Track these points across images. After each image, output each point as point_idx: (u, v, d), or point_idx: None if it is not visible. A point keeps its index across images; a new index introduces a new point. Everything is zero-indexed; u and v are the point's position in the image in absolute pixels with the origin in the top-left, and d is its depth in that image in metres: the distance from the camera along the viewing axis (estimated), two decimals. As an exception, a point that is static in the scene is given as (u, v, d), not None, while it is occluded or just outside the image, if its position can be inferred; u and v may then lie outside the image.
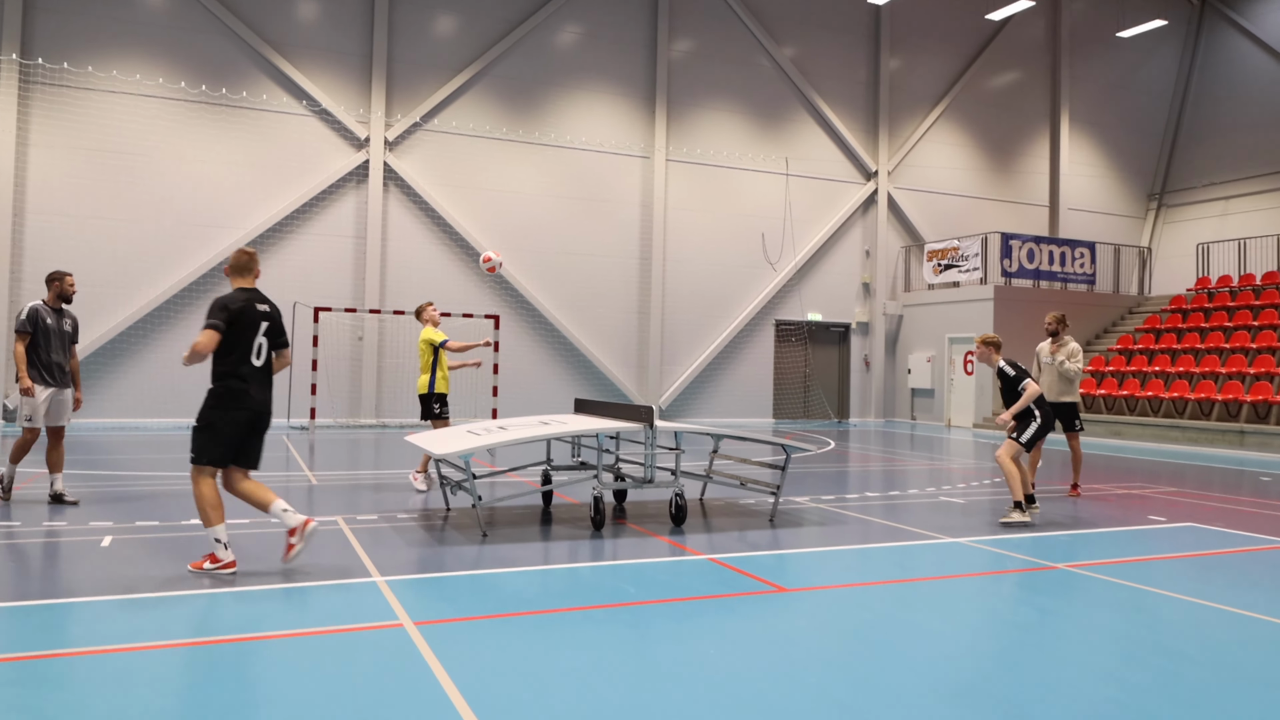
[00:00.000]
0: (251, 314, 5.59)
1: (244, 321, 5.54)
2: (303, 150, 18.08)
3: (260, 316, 5.64)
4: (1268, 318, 18.92)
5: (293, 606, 4.82)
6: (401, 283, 18.75)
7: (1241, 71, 25.08)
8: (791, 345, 22.67)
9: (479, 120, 19.43)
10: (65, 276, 7.84)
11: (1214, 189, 25.39)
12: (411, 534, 6.83)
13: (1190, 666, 4.09)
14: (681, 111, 21.26)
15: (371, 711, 3.37)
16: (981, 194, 24.70)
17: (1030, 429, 7.84)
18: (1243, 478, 11.92)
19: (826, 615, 4.89)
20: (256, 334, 5.60)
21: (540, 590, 5.29)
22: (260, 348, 5.63)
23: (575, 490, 9.18)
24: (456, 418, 18.32)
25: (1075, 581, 5.75)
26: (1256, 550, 6.90)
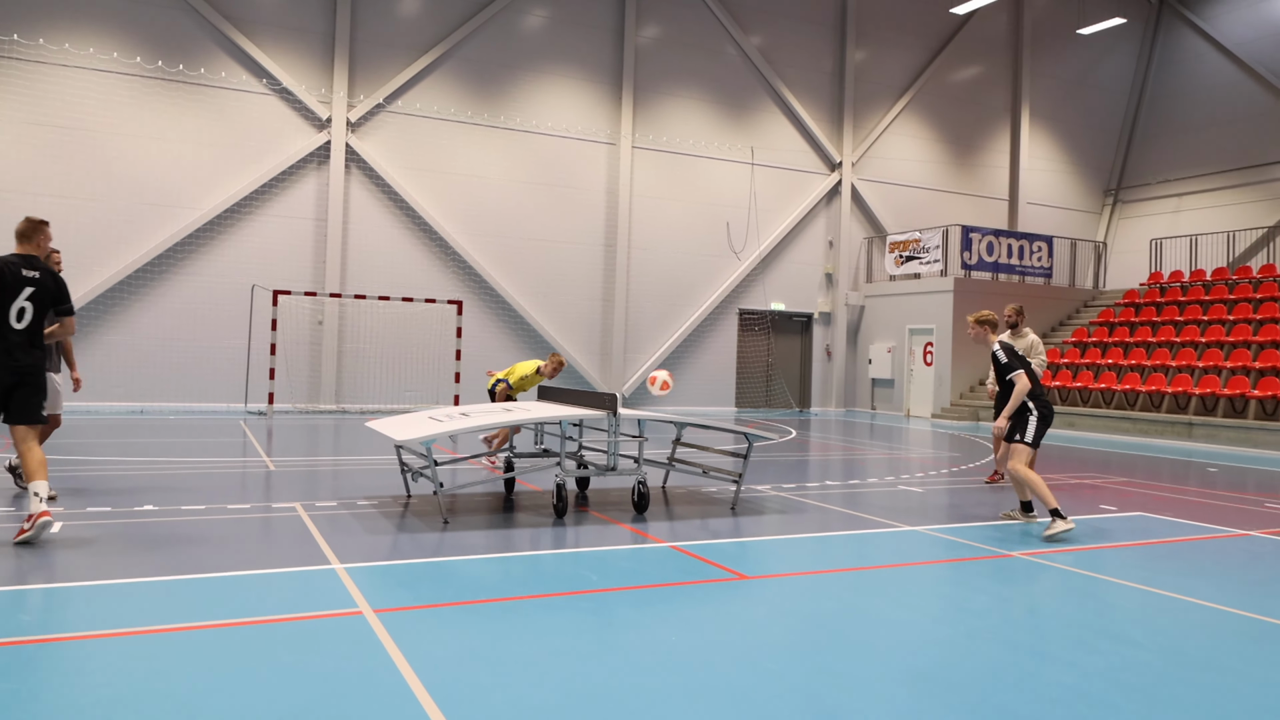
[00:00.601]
0: (13, 277, 5.76)
1: (3, 283, 5.72)
2: (263, 130, 17.75)
3: (25, 281, 5.80)
4: (1217, 313, 19.39)
5: (249, 594, 4.76)
6: (363, 267, 18.52)
7: (1197, 71, 25.59)
8: (755, 334, 22.80)
9: (444, 103, 19.22)
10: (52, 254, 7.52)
11: (1168, 186, 25.92)
12: (371, 521, 6.78)
13: (1139, 652, 4.19)
14: (648, 98, 21.20)
15: (330, 700, 3.35)
16: (943, 187, 24.98)
17: (1031, 425, 7.11)
18: (1190, 468, 12.23)
19: (787, 602, 4.94)
20: (17, 298, 5.75)
21: (502, 577, 5.28)
22: (22, 311, 5.79)
23: (538, 477, 9.17)
24: (418, 404, 18.21)
25: (1030, 569, 5.86)
26: (1203, 539, 7.09)
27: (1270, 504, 9.06)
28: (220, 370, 17.35)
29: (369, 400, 18.38)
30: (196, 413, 16.27)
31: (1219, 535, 7.26)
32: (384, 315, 18.54)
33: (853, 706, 3.42)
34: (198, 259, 17.27)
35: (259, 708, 3.25)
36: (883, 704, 3.46)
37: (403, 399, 18.50)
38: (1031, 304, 22.66)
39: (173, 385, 17.04)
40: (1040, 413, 7.12)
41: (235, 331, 17.45)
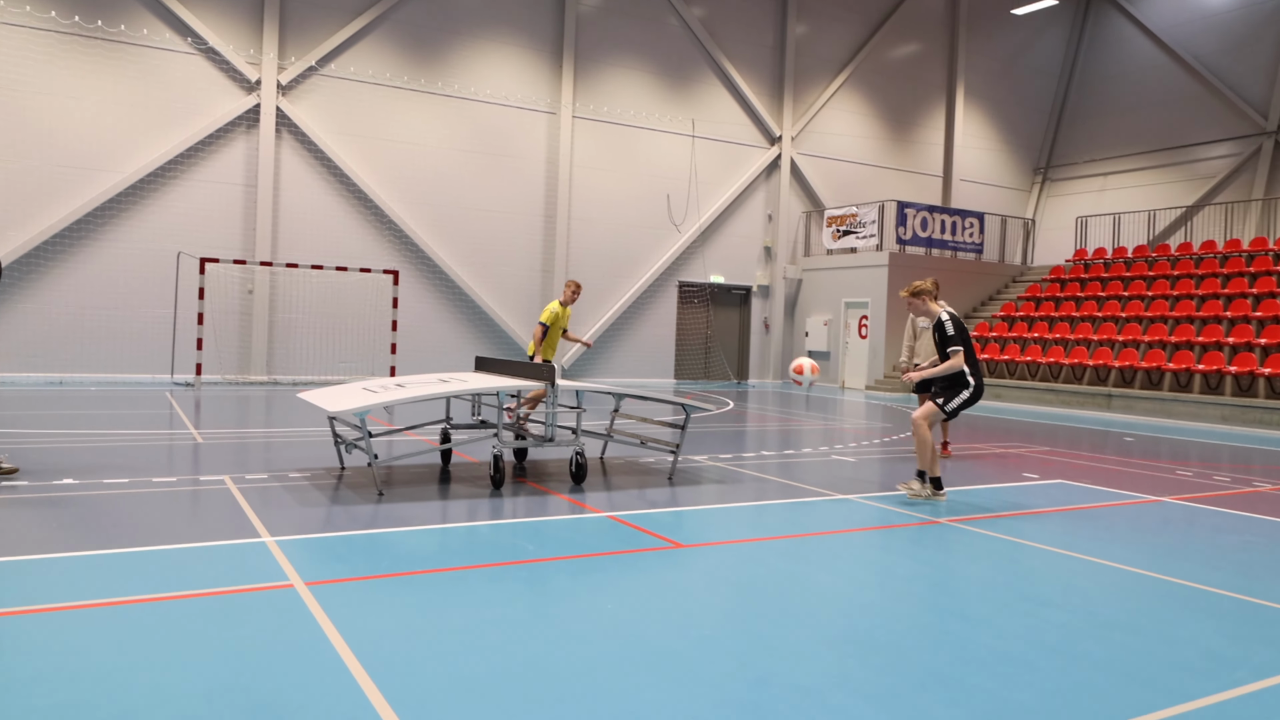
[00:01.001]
0: None
1: None
2: (188, 91, 17.11)
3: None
4: (1136, 289, 20.09)
5: (175, 568, 4.66)
6: (295, 234, 18.06)
7: (1124, 54, 26.28)
8: (694, 307, 22.90)
9: (379, 67, 18.75)
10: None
11: (1094, 165, 26.67)
12: (304, 493, 6.67)
13: (1056, 612, 4.36)
14: (589, 68, 20.99)
15: (260, 674, 3.30)
16: (880, 163, 25.30)
17: (960, 397, 7.03)
18: (1108, 438, 12.70)
19: (721, 570, 5.02)
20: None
21: (437, 549, 5.26)
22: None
23: (475, 449, 9.11)
24: (353, 375, 17.91)
25: (955, 535, 6.04)
26: (1118, 505, 7.39)
27: (1181, 471, 9.47)
28: (144, 340, 16.81)
29: (302, 371, 18.02)
30: (119, 384, 15.76)
31: (1134, 502, 7.57)
32: (317, 284, 18.14)
33: (784, 670, 3.50)
34: (119, 225, 16.65)
35: (185, 683, 3.19)
36: (812, 667, 3.55)
37: (337, 370, 18.17)
38: (963, 279, 23.20)
39: (94, 356, 16.46)
40: (974, 388, 7.08)
41: (160, 300, 16.91)
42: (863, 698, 3.26)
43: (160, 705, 3.00)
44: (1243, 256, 19.44)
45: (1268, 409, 15.15)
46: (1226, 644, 3.99)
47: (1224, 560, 5.58)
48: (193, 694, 3.09)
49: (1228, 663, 3.75)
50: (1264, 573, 5.30)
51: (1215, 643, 4.00)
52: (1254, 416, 15.27)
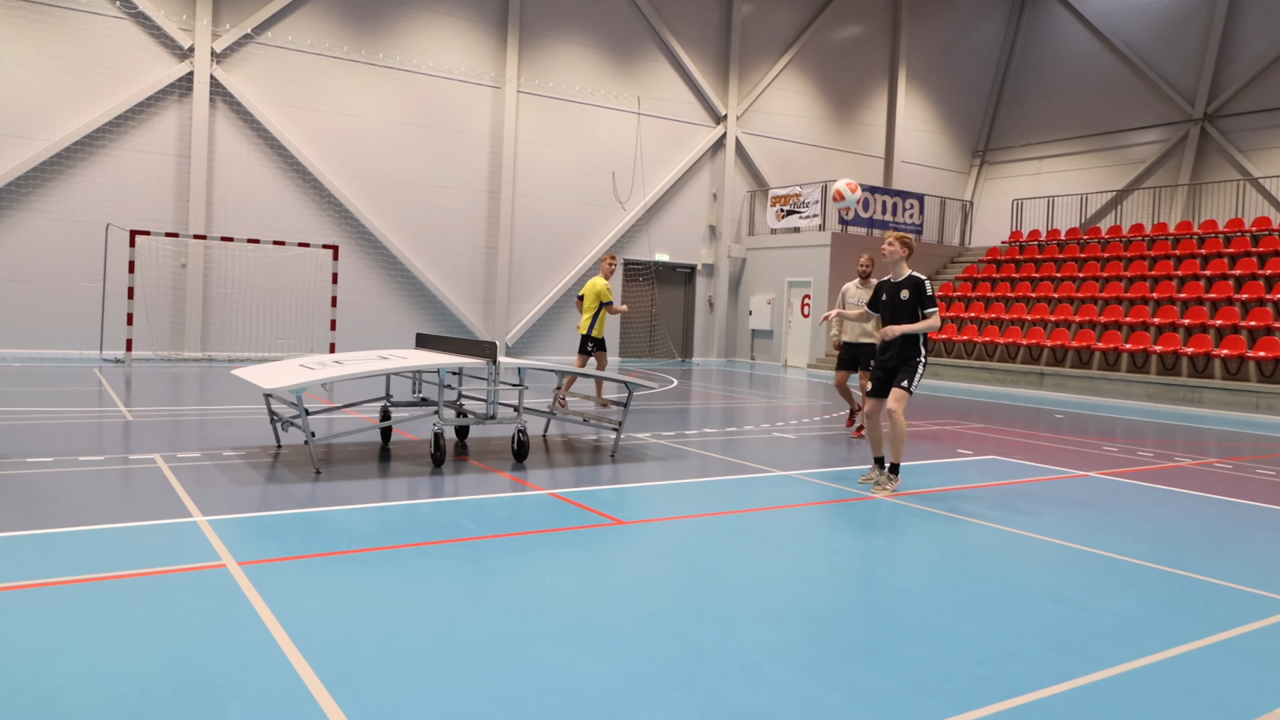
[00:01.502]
0: None
1: None
2: (116, 57, 16.47)
3: None
4: (1069, 270, 20.63)
5: (101, 548, 4.53)
6: (230, 207, 17.57)
7: (1060, 41, 26.82)
8: (639, 285, 22.90)
9: (318, 37, 18.27)
10: None
11: (1030, 149, 27.24)
12: (238, 472, 6.53)
13: (987, 584, 4.49)
14: (534, 42, 20.72)
15: (191, 655, 3.24)
16: (823, 143, 25.50)
17: (918, 374, 6.72)
18: (1040, 415, 13.07)
19: (662, 546, 5.05)
20: None
21: (376, 527, 5.20)
22: None
23: (416, 427, 9.02)
24: (292, 352, 17.55)
25: (891, 510, 6.17)
26: (1049, 480, 7.62)
27: (1108, 447, 9.80)
28: (72, 315, 16.24)
29: (238, 348, 17.61)
30: (45, 360, 15.22)
31: (1063, 476, 7.81)
32: (254, 259, 17.70)
33: (722, 643, 3.55)
34: (44, 195, 16.01)
35: (112, 666, 3.11)
36: (750, 639, 3.60)
37: (275, 347, 17.79)
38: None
39: (17, 331, 15.86)
40: (926, 361, 6.86)
41: (88, 274, 16.34)
42: (799, 669, 3.32)
43: (86, 688, 2.92)
44: (1169, 240, 20.08)
45: (1190, 387, 15.73)
46: (1145, 612, 4.15)
47: (1145, 532, 5.79)
48: (121, 676, 3.02)
49: (1145, 630, 3.90)
50: (1183, 544, 5.52)
51: (1134, 611, 4.16)
52: (1177, 394, 15.84)
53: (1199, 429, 12.25)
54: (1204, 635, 3.86)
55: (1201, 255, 18.89)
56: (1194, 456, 9.44)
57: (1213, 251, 18.80)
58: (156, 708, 2.80)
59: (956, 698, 3.11)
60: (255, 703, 2.86)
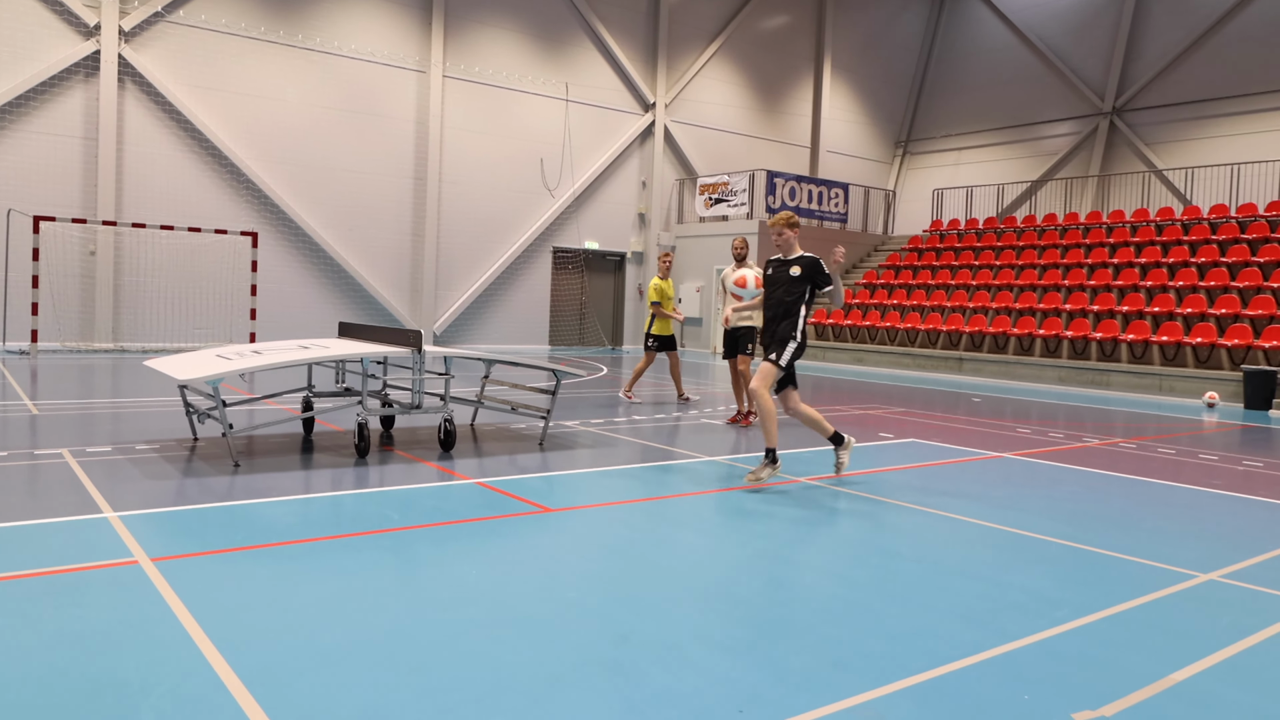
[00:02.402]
0: None
1: None
2: (15, 34, 15.67)
3: None
4: (986, 259, 21.26)
5: (8, 546, 4.34)
6: (141, 191, 16.92)
7: (978, 34, 27.53)
8: (569, 273, 22.82)
9: (233, 16, 17.67)
10: None
11: (950, 140, 27.94)
12: (151, 466, 6.33)
13: (904, 564, 4.63)
14: (461, 26, 20.41)
15: (101, 654, 3.13)
16: (751, 132, 25.74)
17: (790, 350, 6.59)
18: (959, 399, 13.47)
19: (589, 533, 5.07)
20: None
21: (297, 520, 5.10)
22: None
23: (340, 417, 8.85)
24: (210, 342, 17.03)
25: (814, 493, 6.30)
26: (966, 461, 7.86)
27: (1022, 429, 10.15)
28: (-29, 305, 15.47)
29: (152, 338, 17.01)
30: (-58, 352, 14.48)
31: (979, 458, 8.07)
32: (168, 246, 17.09)
33: (646, 627, 3.59)
34: (-63, 178, 15.19)
35: (16, 667, 3.00)
36: (674, 622, 3.65)
37: (192, 337, 17.24)
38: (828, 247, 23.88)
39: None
40: (801, 341, 6.66)
41: None
42: (721, 650, 3.37)
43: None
44: (1079, 229, 20.84)
45: (1099, 370, 16.39)
46: (1053, 586, 4.32)
47: (1055, 510, 6.03)
48: (25, 678, 2.91)
49: (1053, 603, 4.07)
50: (1090, 521, 5.76)
51: (1043, 586, 4.33)
52: (1087, 378, 16.49)
53: (1107, 410, 12.78)
54: (1107, 606, 4.04)
55: (1110, 244, 19.66)
56: (1101, 437, 9.85)
57: (1120, 240, 19.58)
58: (66, 710, 2.71)
59: (874, 673, 3.21)
60: (169, 701, 2.79)
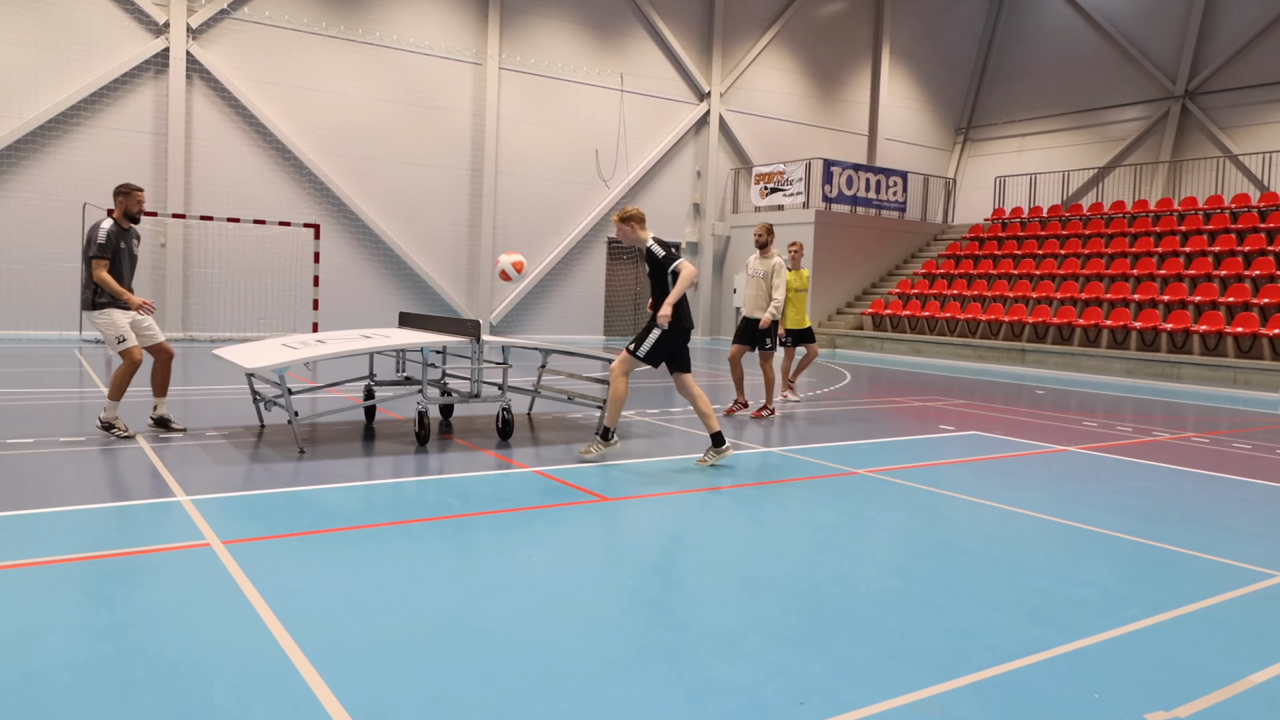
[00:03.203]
0: None
1: None
2: (90, 33, 16.19)
3: None
4: (1050, 247, 20.74)
5: (84, 529, 4.51)
6: (210, 186, 17.37)
7: (1043, 17, 26.80)
8: (623, 263, 22.85)
9: (295, 12, 18.01)
10: (135, 191, 7.04)
11: (1013, 126, 27.28)
12: (221, 452, 6.51)
13: (966, 558, 4.55)
14: (516, 18, 20.52)
15: (174, 634, 3.24)
16: (807, 120, 25.44)
17: (650, 340, 6.51)
18: (1022, 391, 13.18)
19: (645, 521, 5.08)
20: None
21: (360, 506, 5.20)
22: None
23: (400, 406, 9.00)
24: (274, 331, 17.44)
25: (872, 485, 6.22)
26: (1029, 454, 7.69)
27: (1088, 422, 9.90)
28: (51, 296, 16.05)
29: (219, 328, 17.47)
30: (25, 341, 15.06)
31: (1042, 451, 7.89)
32: (234, 238, 17.53)
33: (703, 617, 3.58)
34: (19, 174, 15.78)
35: (95, 645, 3.11)
36: (731, 612, 3.64)
37: (257, 326, 17.67)
38: (885, 237, 23.61)
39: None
40: (665, 330, 6.52)
41: (66, 254, 16.13)
42: (779, 641, 3.35)
43: (72, 667, 2.92)
44: (1150, 217, 20.20)
45: (1169, 362, 15.89)
46: (1122, 583, 4.21)
47: (1123, 505, 5.87)
48: (103, 656, 3.02)
49: (1122, 600, 3.96)
50: (1160, 517, 5.60)
51: (1111, 582, 4.22)
52: (1156, 370, 16.00)
53: (1177, 404, 12.39)
54: (1179, 605, 3.92)
55: (1181, 232, 19.03)
56: (1172, 431, 9.56)
57: (1192, 228, 18.94)
58: (141, 687, 2.81)
59: (937, 667, 3.16)
60: (241, 679, 2.87)
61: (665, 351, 6.58)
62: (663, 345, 6.55)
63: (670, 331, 6.54)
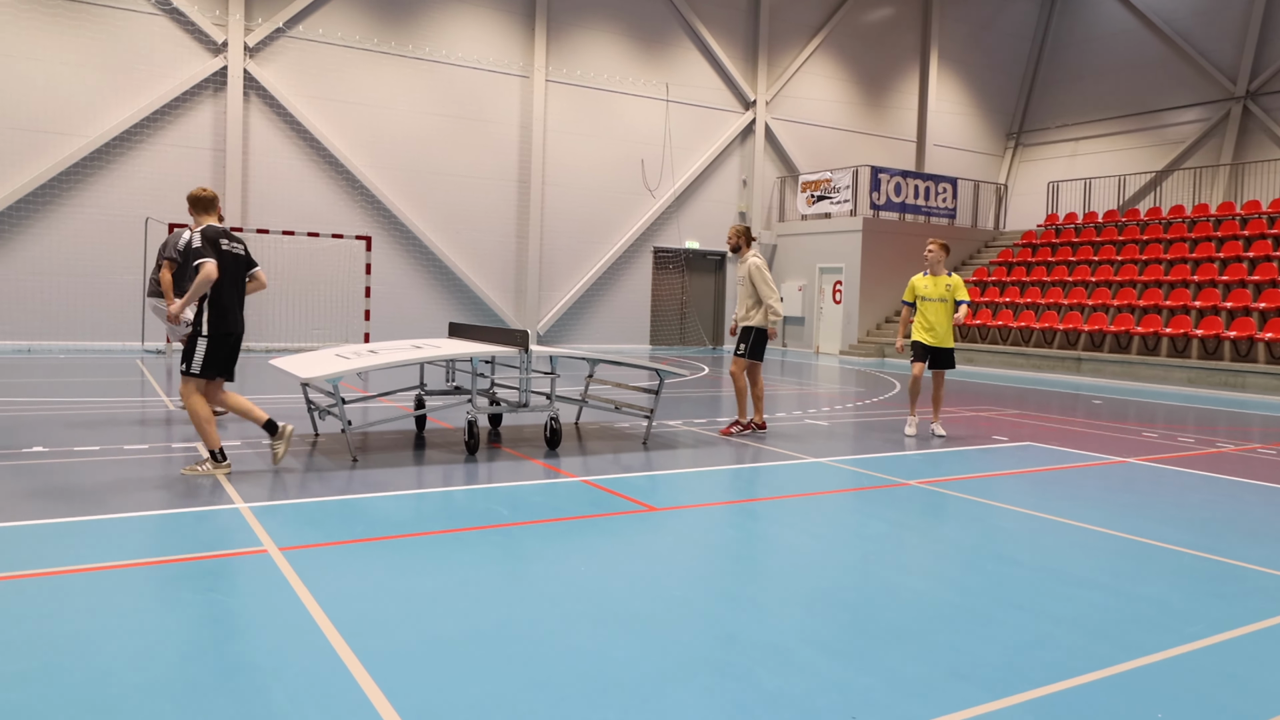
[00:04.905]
0: None
1: None
2: (152, 53, 16.72)
3: None
4: (1106, 254, 20.29)
5: (147, 534, 4.64)
6: (266, 200, 17.80)
7: (1096, 18, 26.30)
8: (669, 272, 22.88)
9: (348, 29, 18.40)
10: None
11: (1066, 130, 26.78)
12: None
13: (1022, 571, 4.46)
14: (562, 30, 20.71)
15: (235, 637, 3.32)
16: (854, 128, 25.26)
17: (200, 350, 6.03)
18: (1078, 401, 12.90)
19: (694, 532, 5.07)
20: None
21: (412, 514, 5.27)
22: None
23: (450, 415, 9.11)
24: (327, 342, 17.78)
25: (925, 497, 6.14)
26: (1086, 466, 7.53)
27: (1148, 433, 9.65)
28: (114, 307, 16.56)
29: (274, 338, 17.86)
30: (89, 352, 15.55)
31: (1100, 463, 7.72)
32: (289, 250, 17.92)
33: (752, 628, 3.57)
34: (85, 190, 16.33)
35: (159, 647, 3.20)
36: (781, 624, 3.61)
37: (310, 337, 18.03)
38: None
39: (62, 323, 16.22)
40: (211, 334, 6.04)
41: (129, 266, 16.65)
42: (829, 653, 3.32)
43: (133, 669, 3.01)
44: (1210, 221, 19.67)
45: (1233, 371, 15.43)
46: (1184, 599, 4.10)
47: (1186, 519, 5.71)
48: (167, 658, 3.10)
49: (1185, 617, 3.86)
50: (1223, 530, 5.44)
51: (1174, 598, 4.11)
52: (1219, 379, 15.55)
53: (1242, 414, 12.03)
54: (1244, 623, 3.81)
55: (1244, 237, 18.49)
56: (1236, 442, 9.28)
57: (1256, 233, 18.39)
58: (203, 688, 2.88)
59: (992, 683, 3.10)
60: (298, 683, 2.93)
61: (219, 360, 6.10)
62: (214, 354, 6.07)
63: (215, 336, 6.05)
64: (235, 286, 6.28)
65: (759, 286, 8.47)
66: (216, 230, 6.17)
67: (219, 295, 6.12)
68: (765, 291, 8.45)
